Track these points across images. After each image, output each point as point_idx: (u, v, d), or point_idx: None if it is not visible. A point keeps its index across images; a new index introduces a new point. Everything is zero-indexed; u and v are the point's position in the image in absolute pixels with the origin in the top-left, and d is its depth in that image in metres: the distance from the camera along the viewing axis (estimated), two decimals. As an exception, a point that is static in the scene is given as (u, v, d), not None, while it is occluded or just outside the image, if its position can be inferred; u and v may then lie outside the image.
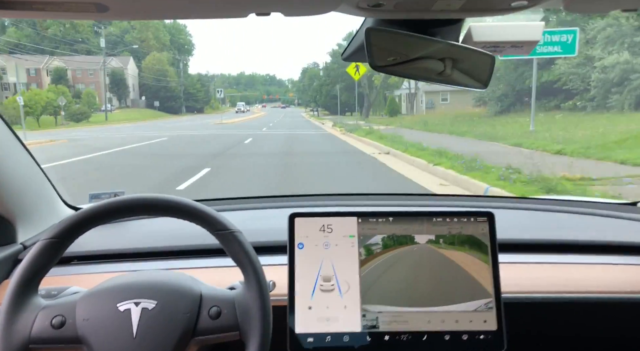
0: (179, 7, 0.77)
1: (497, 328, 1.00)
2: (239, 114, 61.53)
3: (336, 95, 47.11)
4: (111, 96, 56.87)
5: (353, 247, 1.03)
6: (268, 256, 1.18)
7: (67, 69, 53.47)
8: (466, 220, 1.05)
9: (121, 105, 59.62)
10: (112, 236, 1.37)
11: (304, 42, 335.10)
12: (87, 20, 0.89)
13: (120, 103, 59.76)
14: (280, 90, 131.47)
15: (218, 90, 35.44)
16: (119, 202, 0.88)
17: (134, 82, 63.19)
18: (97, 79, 55.25)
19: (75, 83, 54.87)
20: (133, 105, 61.74)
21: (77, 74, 56.69)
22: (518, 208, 1.58)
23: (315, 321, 1.00)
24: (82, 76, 56.69)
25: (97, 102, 42.71)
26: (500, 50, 0.94)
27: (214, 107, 75.87)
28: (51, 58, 52.76)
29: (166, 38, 74.69)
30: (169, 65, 66.06)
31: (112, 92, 57.70)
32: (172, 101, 64.13)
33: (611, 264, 1.23)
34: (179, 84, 66.20)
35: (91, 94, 40.78)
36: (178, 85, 65.83)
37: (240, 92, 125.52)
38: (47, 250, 0.84)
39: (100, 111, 46.30)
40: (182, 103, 66.03)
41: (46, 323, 0.83)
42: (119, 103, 59.43)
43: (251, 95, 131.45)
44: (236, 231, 0.89)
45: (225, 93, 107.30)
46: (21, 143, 1.31)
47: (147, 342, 0.82)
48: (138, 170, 10.35)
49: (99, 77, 54.78)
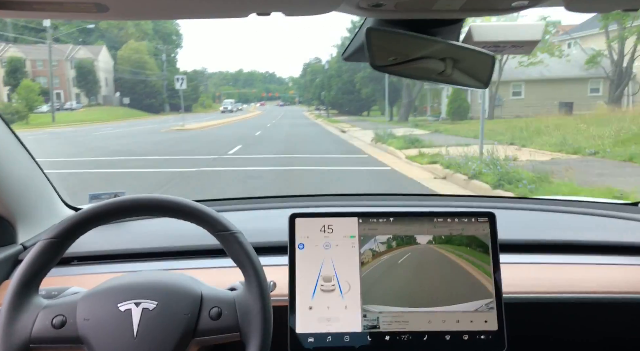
0: (179, 7, 0.77)
1: (498, 328, 1.00)
2: (226, 115, 49.62)
3: (351, 90, 37.28)
4: (79, 92, 48.21)
5: (354, 247, 1.03)
6: (268, 256, 1.18)
7: (26, 59, 43.15)
8: (467, 220, 1.05)
9: (91, 102, 49.20)
10: (112, 236, 1.37)
11: (305, 39, 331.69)
12: (87, 20, 0.89)
13: (91, 100, 49.36)
14: (280, 88, 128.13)
15: (177, 78, 25.11)
16: (119, 203, 0.88)
17: (107, 76, 52.70)
18: (62, 71, 46.20)
19: (35, 76, 43.71)
20: (105, 102, 50.87)
21: (37, 66, 45.16)
22: (519, 209, 1.58)
23: (316, 322, 1.00)
24: (45, 68, 43.84)
25: (40, 98, 31.03)
26: (500, 50, 0.94)
27: (205, 105, 65.45)
28: (7, 45, 41.83)
29: (148, 26, 61.27)
30: (149, 55, 54.97)
31: (79, 86, 47.65)
32: (152, 98, 52.69)
33: (612, 264, 1.23)
34: (162, 77, 54.48)
35: (30, 88, 30.25)
36: (160, 79, 54.51)
37: (239, 90, 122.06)
38: (47, 250, 0.84)
39: (63, 109, 39.90)
40: (165, 101, 54.65)
41: (47, 323, 0.83)
42: (89, 100, 49.22)
43: (249, 92, 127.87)
44: (237, 232, 0.88)
45: (222, 90, 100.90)
46: (21, 144, 1.31)
47: (148, 342, 0.82)
48: None
49: (64, 69, 46.11)
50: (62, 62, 46.14)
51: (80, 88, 48.05)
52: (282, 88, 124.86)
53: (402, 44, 0.85)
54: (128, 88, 51.90)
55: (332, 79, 41.71)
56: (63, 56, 45.25)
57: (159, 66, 56.37)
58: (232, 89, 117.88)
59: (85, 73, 48.19)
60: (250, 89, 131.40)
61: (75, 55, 48.03)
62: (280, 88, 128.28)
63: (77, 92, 48.35)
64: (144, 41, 56.67)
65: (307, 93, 72.19)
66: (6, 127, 1.25)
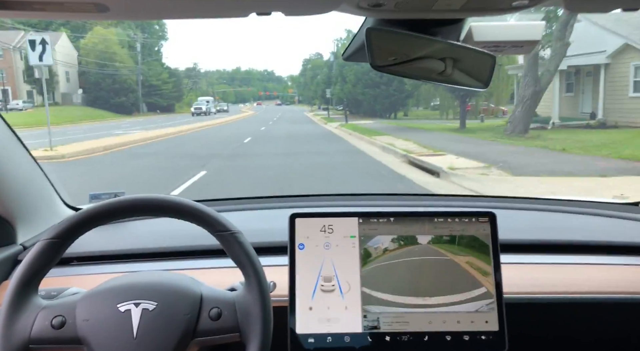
0: (179, 7, 0.77)
1: (498, 329, 1.00)
2: (199, 118, 37.57)
3: (376, 82, 26.56)
4: (32, 88, 38.31)
5: (354, 247, 1.03)
6: (269, 257, 1.18)
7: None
8: (468, 220, 1.05)
9: (50, 100, 32.52)
10: (112, 237, 1.37)
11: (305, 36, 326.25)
12: (87, 20, 0.88)
13: (48, 98, 32.29)
14: (278, 87, 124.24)
15: (36, 65, 11.91)
16: (119, 203, 0.87)
17: (69, 70, 43.21)
18: (9, 63, 37.58)
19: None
20: (65, 101, 41.78)
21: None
22: (520, 209, 1.58)
23: (316, 322, 1.00)
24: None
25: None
26: (500, 50, 0.94)
27: (192, 104, 50.46)
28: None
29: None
30: (120, 46, 45.31)
31: (31, 82, 36.33)
32: (123, 95, 43.08)
33: (613, 264, 1.23)
34: (136, 72, 44.84)
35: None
36: (133, 73, 44.83)
37: (235, 88, 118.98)
38: (47, 250, 0.84)
39: (9, 110, 31.98)
40: (141, 99, 45.33)
41: (46, 324, 0.83)
42: (47, 99, 31.07)
43: (245, 91, 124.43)
44: (236, 232, 0.88)
45: (216, 89, 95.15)
46: (22, 144, 1.31)
47: (148, 343, 0.82)
48: None
49: (11, 61, 37.58)
50: (9, 52, 37.55)
51: (33, 85, 36.83)
52: (281, 87, 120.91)
53: (402, 44, 0.85)
54: (92, 84, 42.79)
55: (346, 69, 31.17)
56: (10, 44, 35.89)
57: (133, 58, 46.59)
58: (226, 87, 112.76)
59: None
60: (247, 88, 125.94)
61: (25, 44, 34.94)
62: (279, 87, 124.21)
63: (28, 89, 39.23)
64: (112, 28, 45.07)
65: (308, 92, 67.11)
66: (6, 127, 1.25)
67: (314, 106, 57.40)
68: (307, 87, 69.83)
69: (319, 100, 47.56)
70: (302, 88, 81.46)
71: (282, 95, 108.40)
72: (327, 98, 36.56)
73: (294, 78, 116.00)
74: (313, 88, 54.87)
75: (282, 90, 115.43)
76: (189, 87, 66.86)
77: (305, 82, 73.73)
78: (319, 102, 48.61)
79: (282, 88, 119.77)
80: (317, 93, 47.76)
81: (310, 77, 63.24)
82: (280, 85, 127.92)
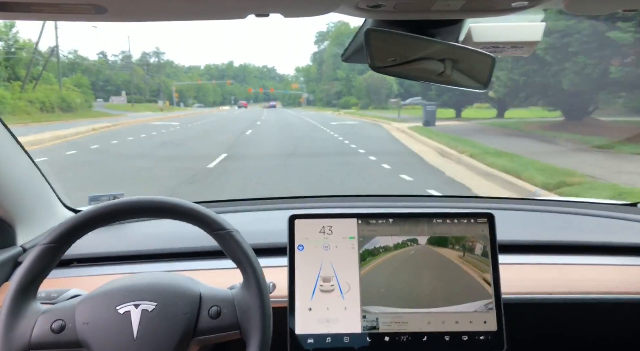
0: (177, 9, 0.77)
1: (497, 329, 1.00)
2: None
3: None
4: None
5: (353, 248, 1.03)
6: (268, 258, 1.18)
7: None
8: (466, 221, 1.05)
9: None
10: (111, 238, 1.37)
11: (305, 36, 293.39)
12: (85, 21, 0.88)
13: None
14: (280, 85, 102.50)
15: None
16: (117, 205, 0.87)
17: None
18: None
19: None
20: None
21: None
22: (518, 209, 1.58)
23: (316, 323, 1.00)
24: None
25: None
26: (500, 51, 0.94)
27: (140, 106, 36.53)
28: None
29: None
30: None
31: None
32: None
33: (611, 265, 1.23)
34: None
35: None
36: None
37: (222, 85, 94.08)
38: (45, 255, 0.84)
39: None
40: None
41: (46, 328, 0.83)
42: None
43: (236, 90, 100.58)
44: (233, 230, 0.88)
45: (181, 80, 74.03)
46: (20, 146, 1.31)
47: (148, 344, 0.82)
48: None
49: None
50: None
51: None
52: (283, 85, 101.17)
53: (401, 44, 0.85)
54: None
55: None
56: None
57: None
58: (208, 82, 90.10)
59: None
60: (240, 86, 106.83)
61: None
62: (280, 85, 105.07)
63: None
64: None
65: (325, 86, 44.66)
66: (4, 129, 1.25)
67: (337, 110, 34.41)
68: (322, 78, 47.31)
69: (365, 95, 28.88)
70: (314, 82, 59.10)
71: (283, 93, 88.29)
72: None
73: (302, 69, 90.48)
74: (331, 83, 35.47)
75: (283, 87, 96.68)
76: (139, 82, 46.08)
77: (320, 74, 49.91)
78: (362, 100, 29.60)
79: (283, 85, 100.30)
80: (351, 83, 29.92)
81: (332, 56, 39.32)
82: (282, 83, 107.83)
